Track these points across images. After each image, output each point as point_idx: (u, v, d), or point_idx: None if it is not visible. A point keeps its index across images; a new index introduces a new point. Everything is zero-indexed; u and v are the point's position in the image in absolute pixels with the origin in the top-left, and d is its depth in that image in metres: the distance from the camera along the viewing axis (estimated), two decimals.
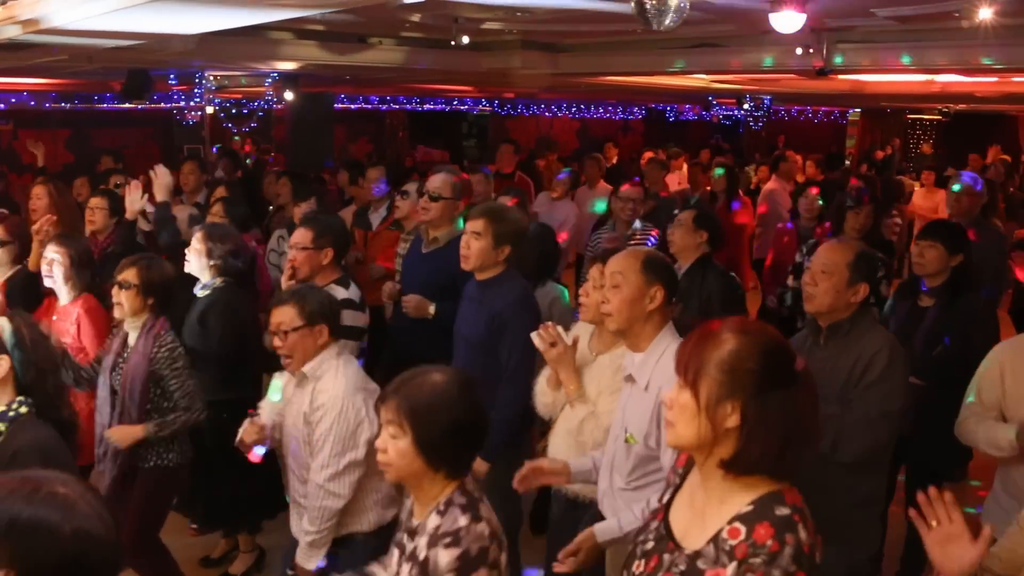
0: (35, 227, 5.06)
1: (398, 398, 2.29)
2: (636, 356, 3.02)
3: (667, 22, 4.91)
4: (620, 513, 2.95)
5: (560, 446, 3.53)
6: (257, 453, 3.56)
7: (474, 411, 2.34)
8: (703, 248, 4.72)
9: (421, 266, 4.79)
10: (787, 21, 4.94)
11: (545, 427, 3.94)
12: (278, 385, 3.47)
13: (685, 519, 1.94)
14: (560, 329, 3.42)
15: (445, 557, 2.20)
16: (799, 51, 6.91)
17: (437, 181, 4.86)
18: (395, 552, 2.47)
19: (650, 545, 1.97)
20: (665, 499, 2.03)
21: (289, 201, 6.67)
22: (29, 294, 4.83)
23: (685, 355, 1.89)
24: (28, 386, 2.54)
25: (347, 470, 3.25)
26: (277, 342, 3.37)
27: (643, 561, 1.97)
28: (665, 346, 2.96)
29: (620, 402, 3.10)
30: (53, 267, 4.44)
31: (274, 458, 4.80)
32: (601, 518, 3.29)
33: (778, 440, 1.81)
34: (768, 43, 7.39)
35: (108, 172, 8.26)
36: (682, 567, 1.86)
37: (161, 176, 5.69)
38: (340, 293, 4.21)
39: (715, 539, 1.82)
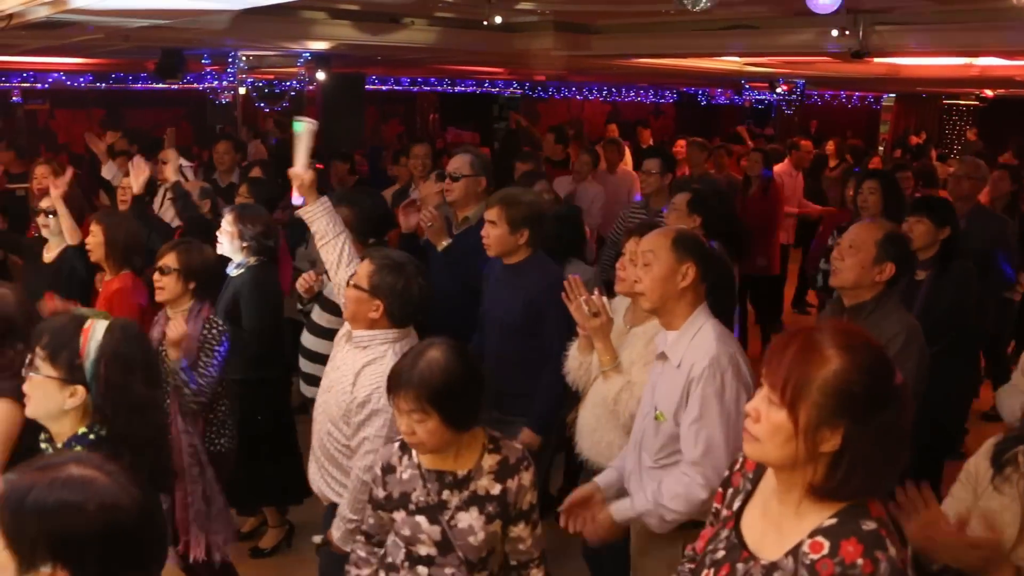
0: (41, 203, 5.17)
1: (413, 388, 2.46)
2: (670, 334, 3.02)
3: (703, 3, 4.86)
4: (633, 495, 2.99)
5: (590, 419, 3.57)
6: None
7: (473, 368, 2.56)
8: (697, 232, 4.65)
9: (453, 245, 4.81)
10: (824, 1, 4.87)
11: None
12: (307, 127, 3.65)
13: (758, 528, 1.86)
14: (606, 300, 3.45)
15: (528, 476, 2.61)
16: (835, 33, 6.81)
17: (456, 161, 4.92)
18: (419, 519, 2.58)
19: (721, 554, 1.89)
20: (736, 507, 1.94)
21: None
22: (82, 265, 4.93)
23: (782, 370, 1.73)
24: (103, 418, 2.35)
25: None
26: (349, 293, 3.35)
27: (713, 570, 1.88)
28: (700, 325, 2.97)
29: (651, 379, 3.11)
30: (93, 244, 4.51)
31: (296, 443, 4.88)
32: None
33: (877, 464, 1.71)
34: (803, 24, 7.30)
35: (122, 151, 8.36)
36: None
37: (171, 162, 5.81)
38: None
39: (794, 552, 1.73)
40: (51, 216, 5.09)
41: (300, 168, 3.69)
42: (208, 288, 4.09)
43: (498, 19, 6.57)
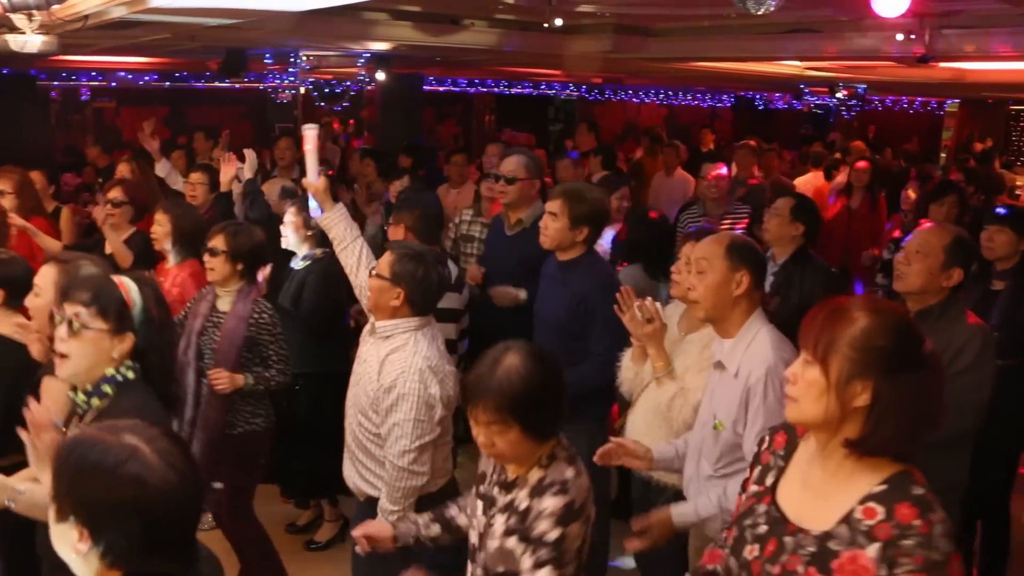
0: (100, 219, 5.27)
1: (492, 397, 2.30)
2: (725, 342, 3.01)
3: (765, 6, 4.82)
4: (697, 500, 2.95)
5: (640, 424, 3.56)
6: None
7: (553, 372, 2.39)
8: (799, 240, 4.58)
9: (508, 249, 4.81)
10: (891, 5, 4.80)
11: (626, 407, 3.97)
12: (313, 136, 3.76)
13: (799, 500, 1.91)
14: (659, 306, 3.43)
15: (552, 503, 2.29)
16: (900, 36, 6.70)
17: (510, 164, 4.88)
18: (479, 504, 2.55)
19: (763, 529, 1.93)
20: (769, 482, 1.99)
21: (375, 179, 6.82)
22: (145, 254, 5.04)
23: (814, 330, 1.86)
24: (141, 354, 2.51)
25: (425, 449, 3.27)
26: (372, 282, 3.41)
27: (757, 545, 1.92)
28: (755, 332, 2.95)
29: (708, 388, 3.09)
30: (160, 232, 4.63)
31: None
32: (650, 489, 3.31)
33: (908, 422, 1.78)
34: (867, 28, 7.20)
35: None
36: (812, 549, 1.82)
37: (249, 158, 5.89)
38: None
39: (847, 519, 1.79)
40: (117, 207, 5.22)
41: (312, 177, 3.76)
42: (256, 270, 4.18)
43: (558, 21, 6.58)
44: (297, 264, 4.68)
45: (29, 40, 4.80)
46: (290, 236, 4.65)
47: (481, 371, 2.36)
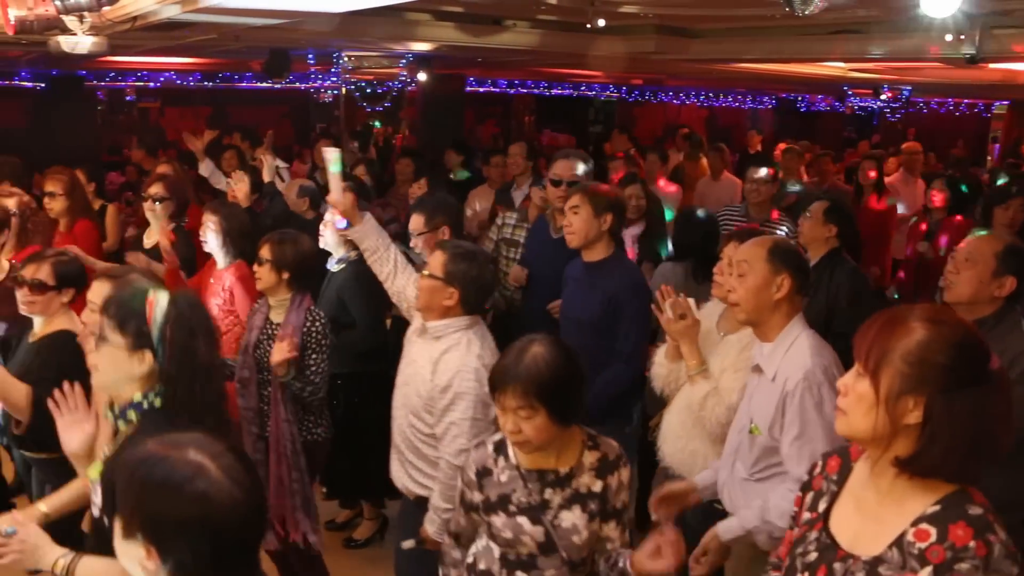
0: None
1: (519, 382, 2.42)
2: (765, 346, 2.97)
3: (811, 7, 4.76)
4: (740, 513, 2.93)
5: (675, 424, 3.53)
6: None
7: (575, 361, 2.53)
8: (832, 242, 4.55)
9: (552, 251, 4.79)
10: (940, 4, 4.72)
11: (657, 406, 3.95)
12: (336, 157, 3.63)
13: (852, 525, 1.83)
14: (692, 301, 3.41)
15: (626, 473, 2.58)
16: (948, 37, 6.59)
17: (559, 166, 4.85)
18: (523, 519, 2.55)
19: (812, 557, 1.86)
20: (821, 508, 1.91)
21: (409, 181, 6.86)
22: (187, 251, 5.09)
23: (867, 341, 1.77)
24: (167, 381, 2.41)
25: None
26: (423, 283, 3.37)
27: (808, 573, 1.85)
28: (795, 337, 2.92)
29: (747, 392, 3.07)
30: (207, 233, 4.66)
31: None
32: (708, 512, 3.27)
33: (964, 442, 1.67)
34: (914, 29, 7.10)
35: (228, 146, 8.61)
36: (861, 575, 1.75)
37: (267, 162, 5.94)
38: None
39: (898, 543, 1.71)
40: (157, 203, 5.26)
41: (336, 195, 3.73)
42: (304, 279, 4.17)
43: (601, 22, 6.56)
44: (333, 266, 4.67)
45: (80, 41, 4.88)
46: (328, 237, 4.64)
47: (508, 360, 2.49)
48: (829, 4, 4.69)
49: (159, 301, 2.40)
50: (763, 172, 5.85)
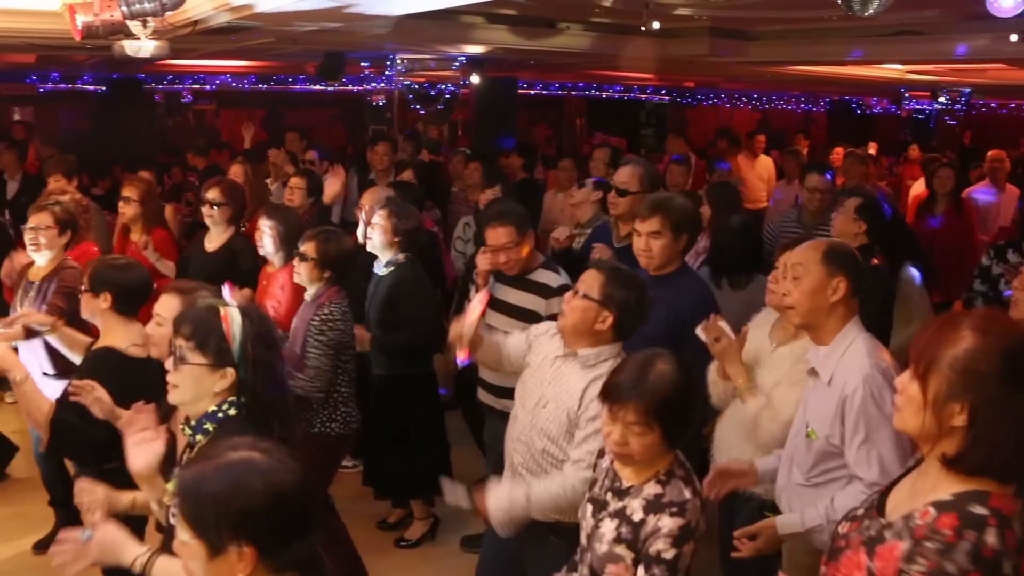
0: None
1: (642, 400, 2.39)
2: (820, 350, 2.94)
3: (873, 8, 4.70)
4: (804, 509, 2.88)
5: (728, 437, 3.50)
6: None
7: (694, 386, 2.52)
8: (861, 239, 4.47)
9: (617, 261, 4.76)
10: (1007, 3, 4.61)
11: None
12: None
13: (901, 498, 1.93)
14: (724, 323, 3.34)
15: (669, 524, 2.38)
16: (1014, 37, 6.45)
17: (624, 175, 4.75)
18: (589, 507, 2.60)
19: (860, 511, 2.00)
20: (895, 479, 2.04)
21: (478, 186, 6.85)
22: (247, 256, 5.15)
23: (920, 344, 1.84)
24: (249, 394, 2.49)
25: None
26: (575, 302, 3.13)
27: (848, 523, 2.01)
28: (851, 340, 2.88)
29: (803, 396, 3.03)
30: (263, 238, 4.72)
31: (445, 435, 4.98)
32: (763, 512, 3.24)
33: (1008, 445, 1.74)
34: (977, 30, 6.98)
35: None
36: (872, 532, 1.88)
37: (330, 186, 5.95)
38: (554, 279, 4.17)
39: (908, 515, 1.81)
40: (215, 207, 5.31)
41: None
42: (343, 278, 4.22)
43: (656, 25, 6.53)
44: (381, 270, 4.69)
45: (143, 46, 4.98)
46: (376, 239, 4.64)
47: (631, 373, 2.45)
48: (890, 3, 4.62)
49: (233, 317, 2.46)
50: (820, 179, 5.76)
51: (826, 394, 2.85)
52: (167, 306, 3.06)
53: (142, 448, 2.49)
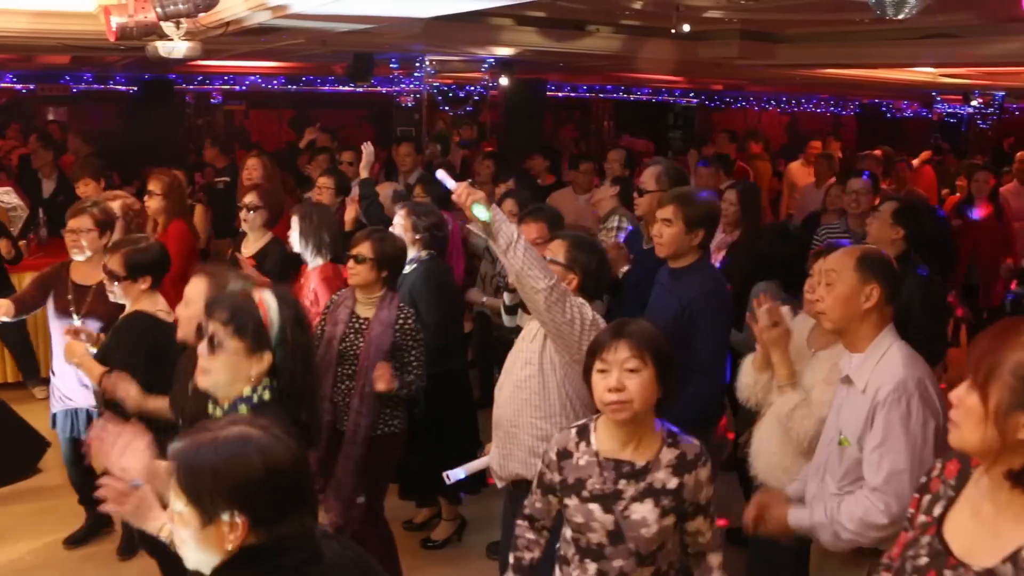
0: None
1: (632, 337, 2.53)
2: (854, 357, 2.93)
3: (906, 11, 4.65)
4: (815, 507, 2.91)
5: (765, 438, 3.49)
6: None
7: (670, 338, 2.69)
8: (900, 245, 4.46)
9: (644, 261, 4.76)
10: None
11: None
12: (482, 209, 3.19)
13: (967, 533, 1.80)
14: (786, 309, 3.37)
15: (705, 472, 2.63)
16: None
17: (644, 175, 4.85)
18: (594, 507, 2.61)
19: (923, 560, 1.84)
20: (936, 512, 1.89)
21: (487, 182, 6.91)
22: (283, 261, 5.18)
23: (978, 353, 1.73)
24: (278, 375, 2.55)
25: None
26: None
27: (908, 563, 1.85)
28: (886, 347, 2.87)
29: (835, 404, 3.02)
30: (294, 235, 4.76)
31: (477, 433, 4.97)
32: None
33: None
34: (1012, 31, 6.89)
35: (322, 148, 8.75)
36: None
37: (367, 154, 5.97)
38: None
39: (1013, 558, 1.67)
40: (252, 212, 5.35)
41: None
42: (397, 277, 4.28)
43: (686, 27, 6.50)
44: (404, 267, 4.73)
45: (176, 46, 5.02)
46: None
47: (615, 324, 2.64)
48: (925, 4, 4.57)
49: (269, 302, 2.50)
50: (861, 181, 5.72)
51: (860, 401, 2.84)
52: (196, 288, 3.15)
53: (130, 452, 2.44)
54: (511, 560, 2.87)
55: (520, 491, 3.53)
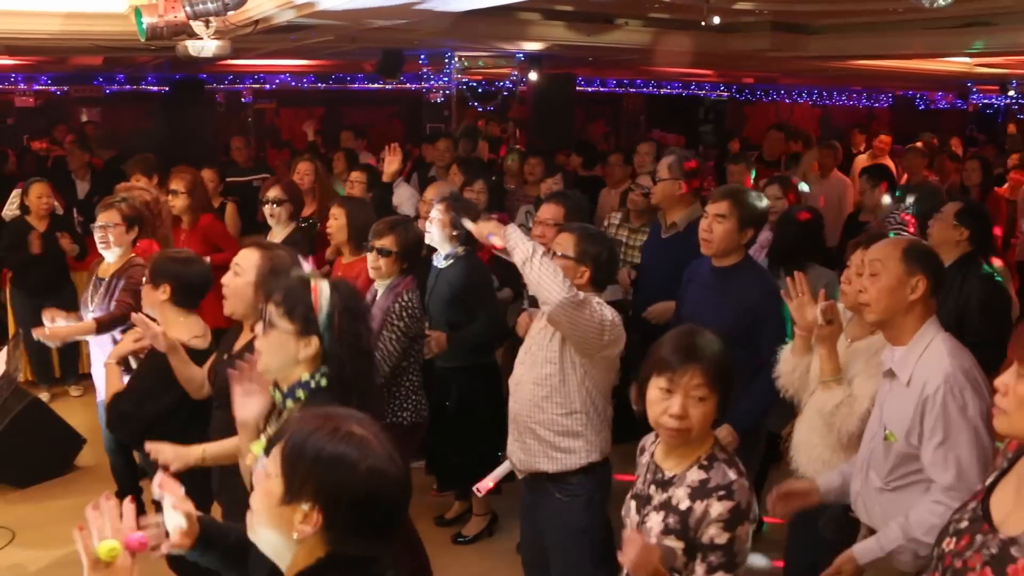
0: None
1: (703, 362, 2.35)
2: (897, 350, 2.87)
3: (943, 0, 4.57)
4: (876, 520, 2.84)
5: (806, 432, 3.44)
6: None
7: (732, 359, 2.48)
8: (964, 246, 4.38)
9: (663, 252, 4.76)
10: None
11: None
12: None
13: (1008, 505, 1.82)
14: (842, 307, 3.33)
15: (718, 508, 2.32)
16: None
17: (659, 164, 4.94)
18: (632, 503, 2.57)
19: (964, 524, 1.88)
20: (988, 481, 1.91)
21: (539, 180, 6.90)
22: (305, 251, 5.21)
23: (1023, 340, 1.74)
24: (335, 363, 2.57)
25: None
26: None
27: (954, 539, 1.88)
28: (929, 339, 2.80)
29: (878, 399, 2.96)
30: (335, 227, 4.77)
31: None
32: (842, 522, 3.16)
33: None
34: None
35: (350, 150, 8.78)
36: (993, 550, 1.75)
37: (388, 162, 5.92)
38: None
39: None
40: (277, 206, 5.39)
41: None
42: (415, 267, 4.27)
43: (716, 19, 6.44)
44: (440, 263, 4.72)
45: (206, 45, 5.06)
46: (435, 233, 4.68)
47: (684, 341, 2.41)
48: None
49: (322, 289, 2.56)
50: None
51: (905, 395, 2.78)
52: (246, 258, 3.18)
53: (249, 399, 2.56)
54: None
55: (539, 484, 3.54)
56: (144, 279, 3.76)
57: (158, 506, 2.25)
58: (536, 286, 3.19)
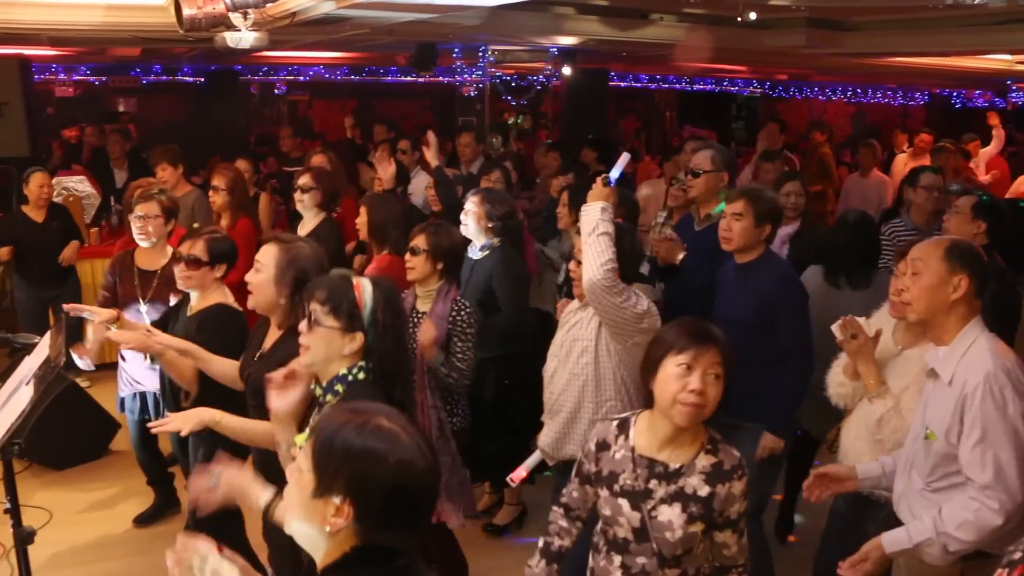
0: None
1: (721, 344, 2.50)
2: (940, 350, 2.85)
3: None
4: (910, 524, 2.81)
5: (852, 439, 3.43)
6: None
7: None
8: (980, 240, 4.32)
9: (696, 243, 4.77)
10: None
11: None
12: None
13: None
14: (862, 320, 3.31)
15: (740, 486, 2.54)
16: None
17: (698, 157, 4.92)
18: (622, 501, 2.59)
19: (1019, 555, 1.78)
20: None
21: (553, 173, 6.91)
22: (334, 245, 5.24)
23: None
24: (378, 358, 2.65)
25: None
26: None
27: (1007, 570, 1.77)
28: (972, 339, 2.79)
29: (923, 399, 2.95)
30: (360, 223, 4.81)
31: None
32: (859, 502, 3.17)
33: None
34: None
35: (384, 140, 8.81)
36: None
37: (433, 143, 5.97)
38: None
39: None
40: (305, 193, 5.43)
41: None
42: (455, 269, 4.27)
43: (752, 15, 6.41)
44: (475, 254, 4.75)
45: (243, 37, 5.11)
46: (470, 225, 4.73)
47: (697, 324, 2.55)
48: None
49: (364, 286, 2.64)
50: (935, 176, 5.60)
51: (946, 394, 2.77)
52: (267, 254, 3.22)
53: (283, 392, 2.63)
54: (540, 543, 2.89)
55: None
56: (203, 259, 3.85)
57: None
58: (585, 260, 3.45)
